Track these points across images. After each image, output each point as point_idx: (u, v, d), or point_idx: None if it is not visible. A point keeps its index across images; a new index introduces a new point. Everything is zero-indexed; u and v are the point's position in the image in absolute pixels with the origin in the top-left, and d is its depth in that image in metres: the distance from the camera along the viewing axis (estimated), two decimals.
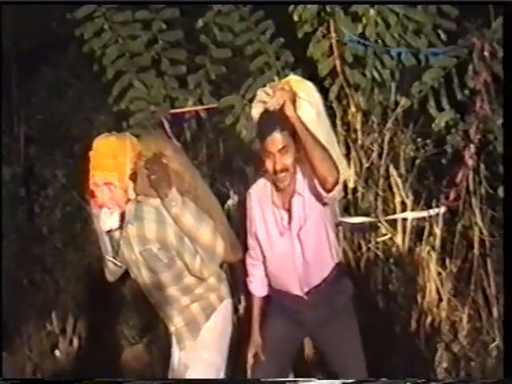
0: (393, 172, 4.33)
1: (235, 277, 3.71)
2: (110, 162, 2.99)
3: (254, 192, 3.24)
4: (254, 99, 3.21)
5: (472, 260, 4.15)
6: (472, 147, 4.09)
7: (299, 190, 3.09)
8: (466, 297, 4.14)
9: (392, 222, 4.31)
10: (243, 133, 4.49)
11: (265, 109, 3.04)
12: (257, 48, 4.56)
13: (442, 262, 4.19)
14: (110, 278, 3.32)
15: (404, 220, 4.27)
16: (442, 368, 3.98)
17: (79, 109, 5.89)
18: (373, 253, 4.36)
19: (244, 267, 3.36)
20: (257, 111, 3.14)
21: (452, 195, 4.17)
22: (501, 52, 3.94)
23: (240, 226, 3.36)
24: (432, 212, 4.20)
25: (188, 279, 3.17)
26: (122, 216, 3.06)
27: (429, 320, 4.13)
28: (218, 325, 3.22)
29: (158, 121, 4.69)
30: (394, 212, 4.32)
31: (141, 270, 3.17)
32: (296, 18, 4.42)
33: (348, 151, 4.41)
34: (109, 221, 3.04)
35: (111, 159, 2.99)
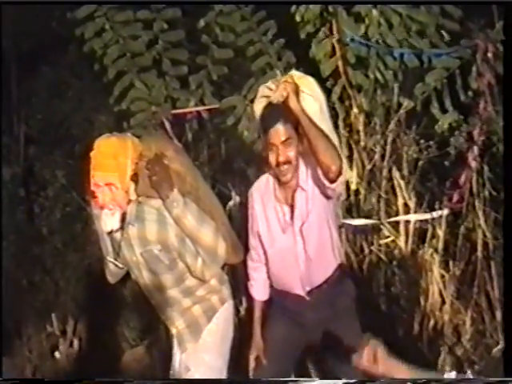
0: (395, 174, 4.31)
1: (237, 278, 3.70)
2: (111, 163, 2.97)
3: (256, 189, 3.23)
4: (256, 97, 3.19)
5: (475, 262, 4.14)
6: (475, 149, 4.09)
7: (302, 184, 3.08)
8: (470, 299, 4.12)
9: (395, 224, 4.30)
10: (245, 133, 4.49)
11: (268, 103, 3.02)
12: (259, 48, 4.55)
13: (445, 265, 4.18)
14: (111, 280, 3.31)
15: (407, 222, 4.27)
16: (445, 371, 3.95)
17: (79, 109, 5.87)
18: (375, 255, 4.34)
19: (245, 269, 3.34)
20: (259, 106, 3.13)
21: (455, 197, 4.16)
22: None
23: (242, 227, 3.35)
24: (435, 214, 4.19)
25: (189, 281, 3.15)
26: (123, 217, 3.04)
27: (432, 323, 4.11)
28: (220, 327, 3.20)
29: (160, 121, 4.69)
30: (397, 214, 4.30)
31: (142, 272, 3.15)
32: (298, 19, 4.40)
33: (350, 153, 4.40)
34: (110, 222, 3.02)
35: (112, 160, 2.97)
